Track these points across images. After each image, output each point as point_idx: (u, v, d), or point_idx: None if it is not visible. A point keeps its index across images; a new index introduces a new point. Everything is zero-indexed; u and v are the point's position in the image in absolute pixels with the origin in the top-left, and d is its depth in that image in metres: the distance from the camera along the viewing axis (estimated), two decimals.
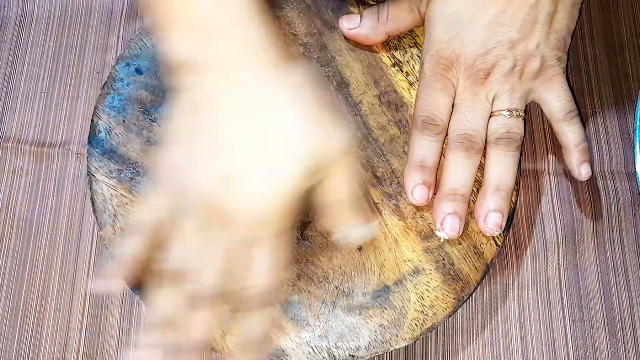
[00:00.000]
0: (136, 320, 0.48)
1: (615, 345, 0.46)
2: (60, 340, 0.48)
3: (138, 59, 0.51)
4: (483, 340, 0.46)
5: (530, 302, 0.47)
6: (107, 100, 0.50)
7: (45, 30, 0.57)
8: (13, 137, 0.54)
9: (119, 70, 0.50)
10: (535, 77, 0.46)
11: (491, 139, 0.46)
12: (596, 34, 0.54)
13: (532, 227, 0.49)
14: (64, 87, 0.55)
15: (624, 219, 0.49)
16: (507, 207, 0.45)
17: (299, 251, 0.46)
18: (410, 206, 0.46)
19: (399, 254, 0.45)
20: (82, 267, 0.50)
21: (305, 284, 0.45)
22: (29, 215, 0.51)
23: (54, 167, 0.53)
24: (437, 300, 0.44)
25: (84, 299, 0.49)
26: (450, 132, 0.46)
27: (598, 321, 0.46)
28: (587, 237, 0.48)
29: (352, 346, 0.43)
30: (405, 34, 0.50)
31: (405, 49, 0.50)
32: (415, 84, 0.49)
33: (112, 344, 0.48)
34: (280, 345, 0.43)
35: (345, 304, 0.44)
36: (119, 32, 0.57)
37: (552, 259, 0.48)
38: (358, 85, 0.50)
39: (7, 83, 0.56)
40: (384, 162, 0.48)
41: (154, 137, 0.49)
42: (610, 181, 0.50)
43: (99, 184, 0.48)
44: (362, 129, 0.48)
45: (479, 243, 0.45)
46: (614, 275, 0.47)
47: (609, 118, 0.51)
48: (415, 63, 0.50)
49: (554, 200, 0.49)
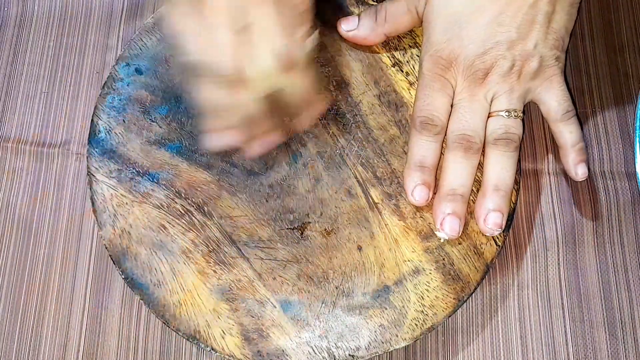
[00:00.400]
0: (136, 320, 0.48)
1: (615, 345, 0.46)
2: (60, 340, 0.48)
3: (138, 59, 0.51)
4: (483, 340, 0.46)
5: (530, 302, 0.47)
6: (107, 100, 0.50)
7: (46, 30, 0.57)
8: (13, 137, 0.54)
9: (119, 70, 0.50)
10: (534, 77, 0.46)
11: (490, 140, 0.46)
12: (596, 34, 0.54)
13: (532, 227, 0.49)
14: (64, 87, 0.55)
15: (624, 219, 0.49)
16: (506, 207, 0.45)
17: (299, 251, 0.46)
18: (410, 206, 0.46)
19: (399, 254, 0.45)
20: (82, 267, 0.50)
21: (305, 284, 0.45)
22: (29, 215, 0.52)
23: (54, 167, 0.53)
24: (437, 300, 0.44)
25: (84, 299, 0.49)
26: (448, 133, 0.46)
27: (598, 321, 0.46)
28: (587, 237, 0.48)
29: (352, 346, 0.43)
30: (405, 34, 0.50)
31: (405, 49, 0.50)
32: (415, 84, 0.49)
33: (112, 344, 0.48)
34: (280, 345, 0.43)
35: (345, 304, 0.44)
36: (119, 32, 0.57)
37: (552, 259, 0.48)
38: (358, 85, 0.50)
39: (7, 83, 0.56)
40: (384, 162, 0.48)
41: (153, 137, 0.49)
42: (610, 181, 0.50)
43: (99, 184, 0.48)
44: (362, 128, 0.49)
45: (479, 243, 0.45)
46: (614, 275, 0.47)
47: (609, 118, 0.51)
48: (415, 63, 0.50)
49: (554, 200, 0.49)
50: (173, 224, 0.47)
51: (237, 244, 0.46)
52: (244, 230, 0.46)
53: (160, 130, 0.49)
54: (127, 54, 0.51)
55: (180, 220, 0.47)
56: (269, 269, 0.45)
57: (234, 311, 0.44)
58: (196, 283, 0.45)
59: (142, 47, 0.51)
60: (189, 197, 0.47)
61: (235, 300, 0.45)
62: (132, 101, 0.50)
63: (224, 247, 0.46)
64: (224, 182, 0.47)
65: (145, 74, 0.50)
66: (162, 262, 0.46)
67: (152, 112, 0.49)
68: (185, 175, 0.48)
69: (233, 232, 0.46)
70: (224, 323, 0.44)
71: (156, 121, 0.49)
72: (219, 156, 0.48)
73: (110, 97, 0.50)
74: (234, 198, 0.47)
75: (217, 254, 0.46)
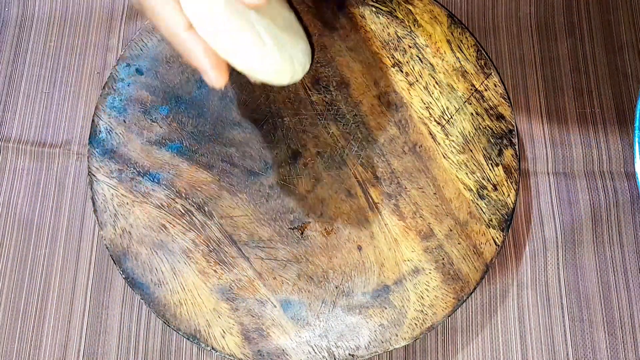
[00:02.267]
0: (137, 319, 0.48)
1: (615, 345, 0.46)
2: (61, 339, 0.48)
3: (139, 59, 0.51)
4: (482, 339, 0.47)
5: (529, 302, 0.47)
6: (107, 101, 0.50)
7: (46, 31, 0.57)
8: (14, 138, 0.54)
9: (120, 71, 0.50)
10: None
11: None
12: (596, 34, 0.54)
13: (531, 228, 0.49)
14: (65, 88, 0.55)
15: (624, 219, 0.49)
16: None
17: (299, 251, 0.46)
18: (410, 206, 0.46)
19: (399, 253, 0.45)
20: (83, 267, 0.50)
21: (305, 283, 0.45)
22: (30, 215, 0.52)
23: (54, 167, 0.53)
24: (436, 300, 0.44)
25: (85, 299, 0.49)
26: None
27: (597, 321, 0.47)
28: (586, 237, 0.48)
29: (352, 345, 0.43)
30: (405, 34, 0.51)
31: (405, 50, 0.50)
32: (414, 84, 0.49)
33: (112, 344, 0.48)
34: (281, 344, 0.44)
35: (345, 304, 0.44)
36: (119, 32, 0.57)
37: (552, 259, 0.48)
38: (358, 85, 0.50)
39: (8, 84, 0.56)
40: (383, 162, 0.48)
41: (154, 137, 0.49)
42: (609, 181, 0.50)
43: (100, 184, 0.48)
44: (362, 129, 0.49)
45: (478, 243, 0.45)
46: (613, 276, 0.47)
47: (608, 118, 0.51)
48: (415, 63, 0.50)
49: (553, 200, 0.49)
50: (173, 224, 0.47)
51: (237, 243, 0.46)
52: (244, 230, 0.46)
53: (161, 130, 0.49)
54: (128, 55, 0.51)
55: (181, 220, 0.47)
56: (269, 269, 0.45)
57: (234, 311, 0.45)
58: (196, 283, 0.45)
59: (143, 48, 0.51)
60: (190, 197, 0.47)
61: (235, 300, 0.45)
62: (133, 101, 0.50)
63: (225, 246, 0.46)
64: (224, 182, 0.48)
65: (145, 74, 0.50)
66: (163, 262, 0.46)
67: (152, 112, 0.49)
68: (185, 175, 0.48)
69: (233, 231, 0.46)
70: (225, 322, 0.44)
71: (157, 121, 0.49)
72: (219, 156, 0.48)
73: (111, 98, 0.50)
74: (234, 198, 0.47)
75: (218, 253, 0.46)
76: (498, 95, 0.48)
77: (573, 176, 0.50)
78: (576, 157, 0.50)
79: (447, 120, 0.48)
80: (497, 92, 0.48)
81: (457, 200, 0.46)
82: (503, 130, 0.47)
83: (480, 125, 0.48)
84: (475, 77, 0.49)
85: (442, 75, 0.49)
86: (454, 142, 0.48)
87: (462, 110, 0.48)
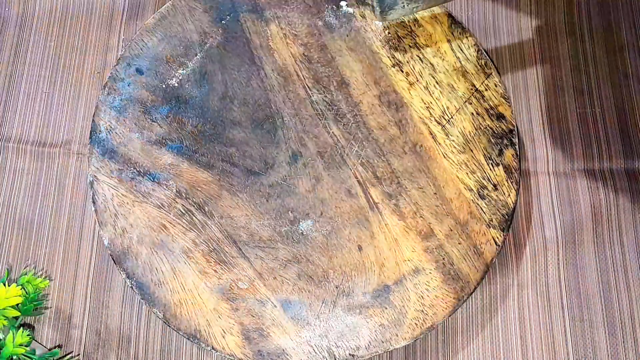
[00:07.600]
0: (137, 319, 0.48)
1: (615, 345, 0.46)
2: (62, 339, 0.48)
3: (139, 59, 0.51)
4: (483, 339, 0.47)
5: (530, 302, 0.47)
6: (108, 100, 0.50)
7: (46, 30, 0.57)
8: (14, 137, 0.54)
9: (120, 71, 0.50)
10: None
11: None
12: (596, 34, 0.54)
13: (531, 227, 0.49)
14: (65, 87, 0.55)
15: (624, 219, 0.49)
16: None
17: (299, 251, 0.46)
18: (411, 206, 0.46)
19: (399, 253, 0.45)
20: (83, 267, 0.50)
21: (305, 283, 0.45)
22: (30, 215, 0.52)
23: (55, 167, 0.53)
24: (437, 300, 0.44)
25: (85, 298, 0.49)
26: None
27: (598, 321, 0.47)
28: (586, 237, 0.48)
29: (352, 345, 0.43)
30: (405, 34, 0.51)
31: (405, 49, 0.50)
32: (415, 84, 0.49)
33: (113, 343, 0.48)
34: (281, 344, 0.44)
35: (345, 304, 0.44)
36: (119, 32, 0.57)
37: (552, 259, 0.48)
38: (358, 85, 0.50)
39: (8, 83, 0.56)
40: (384, 162, 0.48)
41: (154, 137, 0.49)
42: (610, 181, 0.50)
43: (100, 183, 0.48)
44: (362, 128, 0.49)
45: (478, 243, 0.45)
46: (614, 275, 0.47)
47: (608, 118, 0.51)
48: (416, 63, 0.50)
49: (553, 200, 0.49)
50: (174, 224, 0.47)
51: (237, 243, 0.46)
52: (245, 230, 0.46)
53: (161, 130, 0.49)
54: (128, 54, 0.51)
55: (181, 220, 0.47)
56: (270, 269, 0.45)
57: (235, 310, 0.44)
58: (197, 282, 0.45)
59: (143, 47, 0.51)
60: (190, 196, 0.47)
61: (235, 300, 0.45)
62: (133, 101, 0.50)
63: (225, 246, 0.46)
64: (224, 182, 0.48)
65: (146, 74, 0.50)
66: (163, 262, 0.46)
67: (152, 112, 0.49)
68: (185, 175, 0.48)
69: (233, 231, 0.46)
70: (225, 322, 0.44)
71: (157, 121, 0.49)
72: (219, 156, 0.48)
73: (111, 97, 0.50)
74: (234, 198, 0.47)
75: (218, 253, 0.46)
76: (498, 95, 0.48)
77: (573, 176, 0.50)
78: (576, 156, 0.50)
79: (448, 120, 0.48)
80: (497, 92, 0.48)
81: (457, 200, 0.46)
82: (503, 130, 0.47)
83: (480, 125, 0.48)
84: (475, 77, 0.49)
85: (442, 75, 0.49)
86: (455, 142, 0.48)
87: (463, 110, 0.48)
